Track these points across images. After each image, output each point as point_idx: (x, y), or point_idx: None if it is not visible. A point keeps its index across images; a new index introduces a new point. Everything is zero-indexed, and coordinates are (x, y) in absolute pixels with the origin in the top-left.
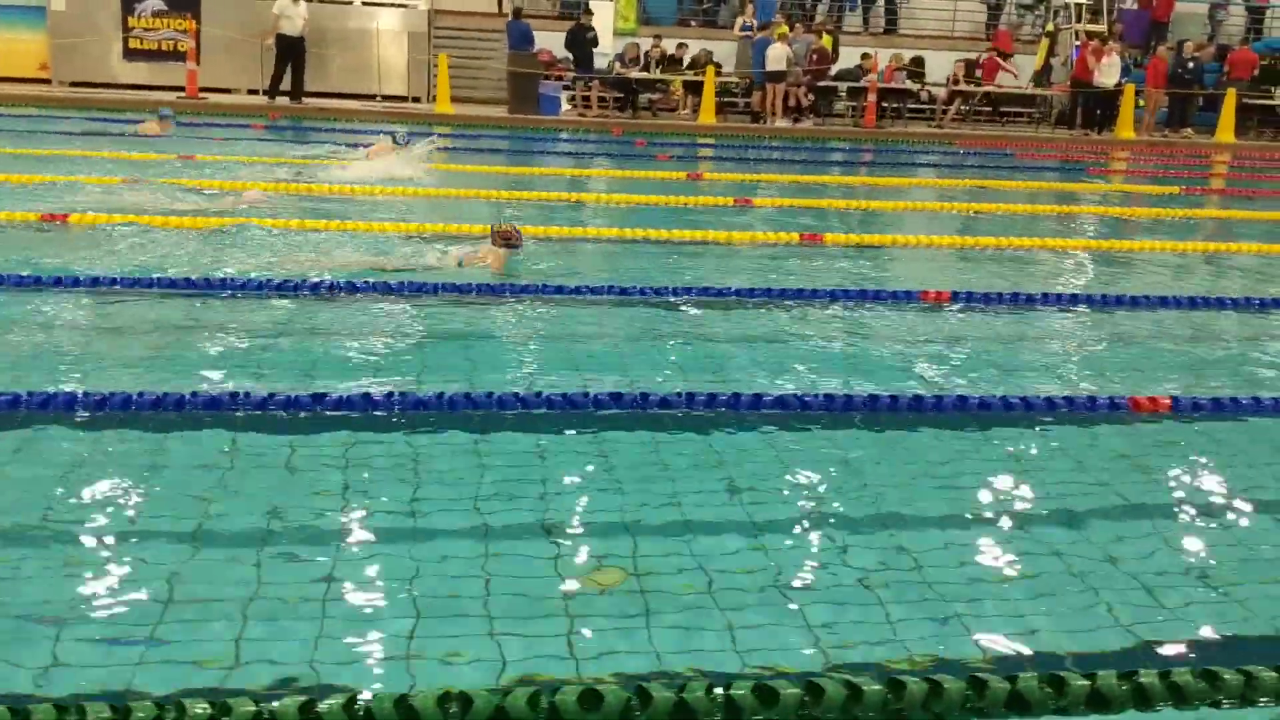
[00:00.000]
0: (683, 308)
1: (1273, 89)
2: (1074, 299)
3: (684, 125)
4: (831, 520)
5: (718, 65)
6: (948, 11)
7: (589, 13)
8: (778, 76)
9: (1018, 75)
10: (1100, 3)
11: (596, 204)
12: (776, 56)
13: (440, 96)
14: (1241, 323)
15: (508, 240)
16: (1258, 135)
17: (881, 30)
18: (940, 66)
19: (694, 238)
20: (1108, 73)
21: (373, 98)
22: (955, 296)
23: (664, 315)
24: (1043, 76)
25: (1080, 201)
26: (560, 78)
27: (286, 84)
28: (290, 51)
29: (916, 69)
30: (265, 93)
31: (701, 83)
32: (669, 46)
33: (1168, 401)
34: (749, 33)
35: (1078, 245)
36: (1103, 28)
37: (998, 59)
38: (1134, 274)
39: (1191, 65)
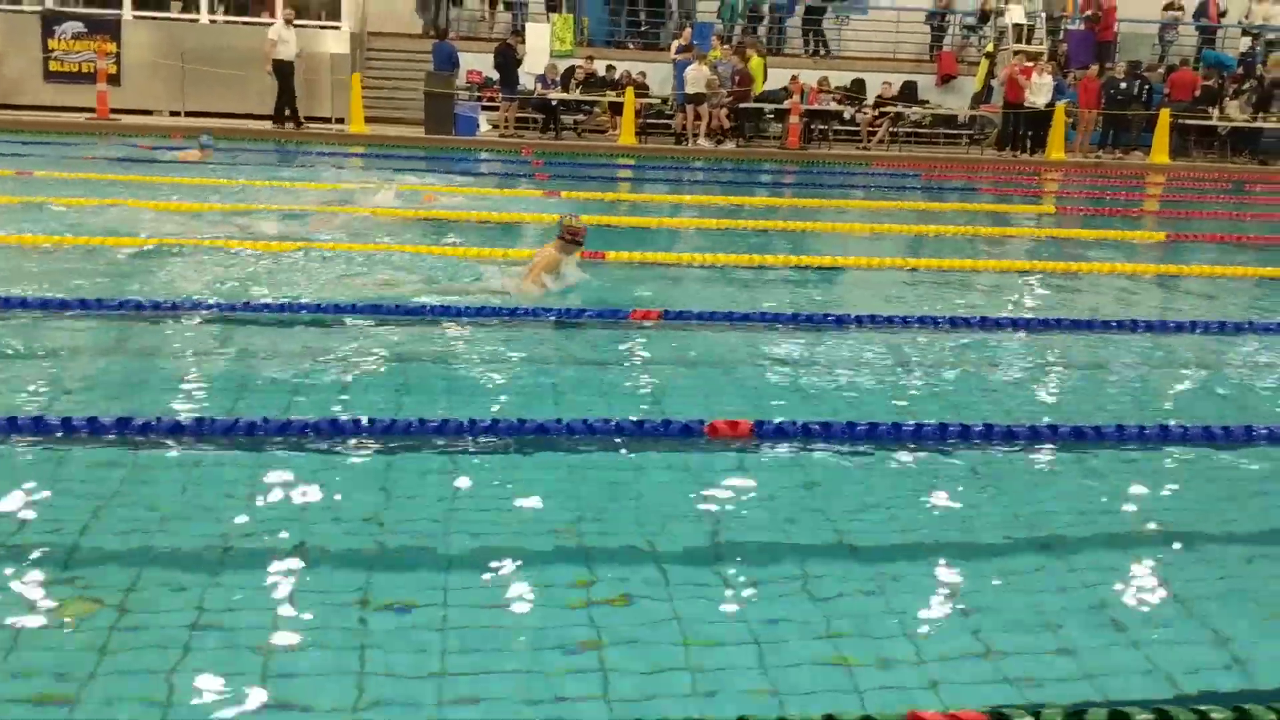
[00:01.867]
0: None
1: (1210, 109)
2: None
3: (603, 146)
4: None
5: (643, 87)
6: (890, 34)
7: (517, 34)
8: (698, 98)
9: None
10: (1039, 24)
11: (416, 220)
12: (695, 78)
13: (354, 117)
14: (1096, 342)
15: (574, 236)
16: (1203, 155)
17: (824, 53)
18: (883, 89)
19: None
20: (1039, 93)
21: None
22: (667, 314)
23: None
24: (984, 98)
25: (948, 221)
26: (492, 99)
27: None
28: (285, 76)
29: (857, 93)
30: (271, 119)
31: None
32: (600, 68)
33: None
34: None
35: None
36: (1042, 49)
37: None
38: (996, 293)
39: (1124, 86)
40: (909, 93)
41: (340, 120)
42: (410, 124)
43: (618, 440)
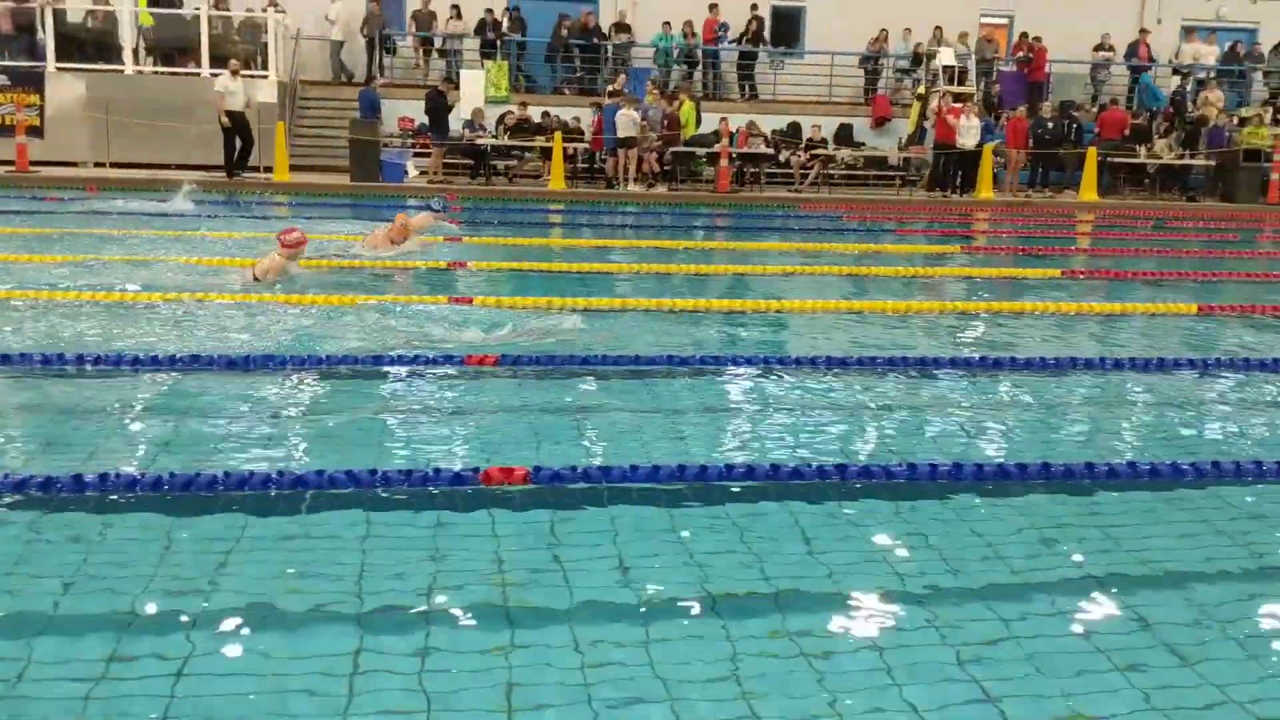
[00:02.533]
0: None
1: (1139, 147)
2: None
3: (531, 191)
4: None
5: (578, 132)
6: (825, 77)
7: (449, 80)
8: (628, 142)
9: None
10: (970, 66)
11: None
12: (624, 123)
13: (279, 165)
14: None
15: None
16: (1133, 193)
17: (758, 97)
18: (820, 132)
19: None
20: (967, 134)
21: (222, 169)
22: (502, 360)
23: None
24: (917, 139)
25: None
26: (424, 145)
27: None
28: (237, 127)
29: (792, 136)
30: (224, 169)
31: (567, 150)
32: (536, 114)
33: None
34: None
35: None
36: (971, 90)
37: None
38: (891, 331)
39: (1051, 125)
40: (845, 135)
41: (269, 169)
42: (341, 172)
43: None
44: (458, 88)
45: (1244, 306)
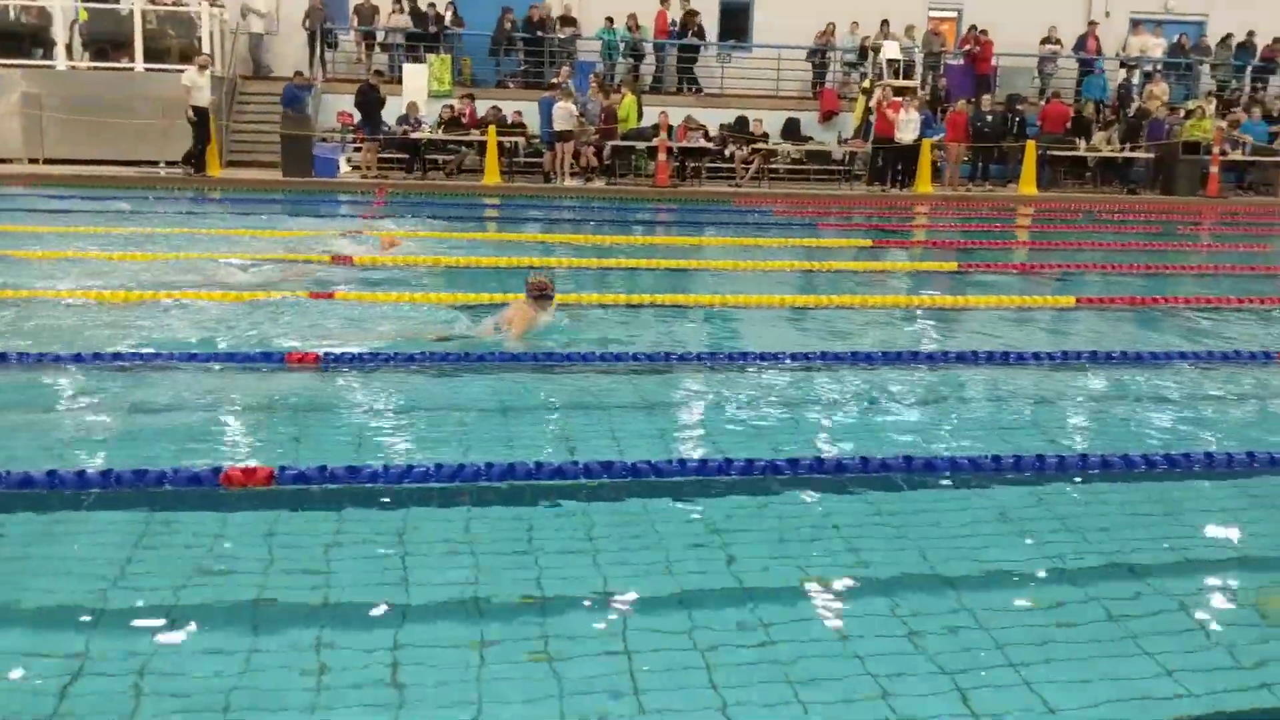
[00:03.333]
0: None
1: (1079, 141)
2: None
3: (465, 186)
4: None
5: (521, 126)
6: (773, 71)
7: (379, 74)
8: (564, 136)
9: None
10: (916, 59)
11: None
12: (561, 116)
13: (211, 160)
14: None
15: (541, 292)
16: (1076, 186)
17: (701, 91)
18: (767, 125)
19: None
20: (906, 129)
21: (155, 164)
22: (323, 359)
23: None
24: (863, 133)
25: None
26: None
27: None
28: (201, 122)
29: (740, 130)
30: (184, 163)
31: (502, 143)
32: (481, 109)
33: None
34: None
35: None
36: (914, 84)
37: None
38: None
39: (990, 119)
40: (793, 129)
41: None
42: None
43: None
44: (391, 81)
45: (1126, 300)
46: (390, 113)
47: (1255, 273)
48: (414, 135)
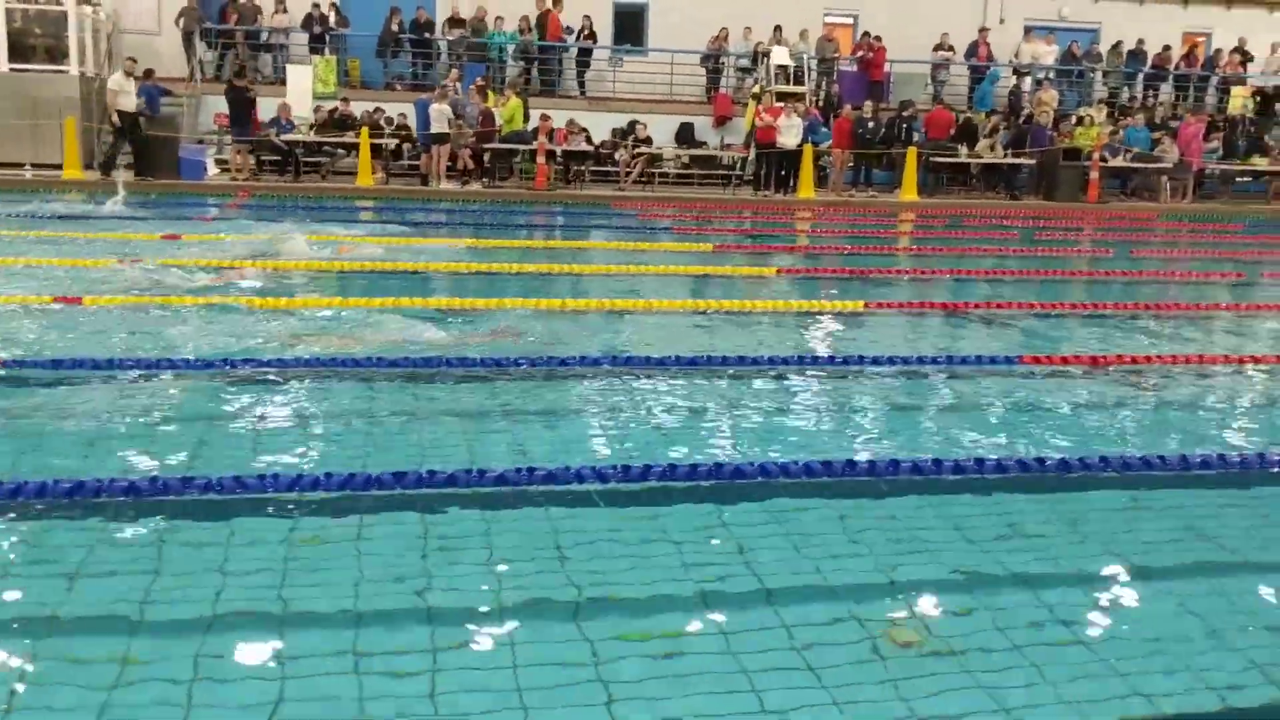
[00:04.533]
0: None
1: (961, 147)
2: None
3: (336, 188)
4: None
5: (405, 128)
6: (666, 76)
7: (241, 75)
8: (440, 138)
9: None
10: (805, 65)
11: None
12: (436, 118)
13: (68, 162)
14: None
15: None
16: (962, 192)
17: (597, 95)
18: (661, 130)
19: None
20: (789, 134)
21: (22, 166)
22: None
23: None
24: (751, 138)
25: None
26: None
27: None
28: (127, 127)
29: (629, 136)
30: (99, 168)
31: (381, 145)
32: (370, 109)
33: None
34: (468, 100)
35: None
36: (803, 90)
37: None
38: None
39: (871, 125)
40: (686, 134)
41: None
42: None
43: None
44: (276, 83)
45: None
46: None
47: (1072, 277)
48: (285, 137)
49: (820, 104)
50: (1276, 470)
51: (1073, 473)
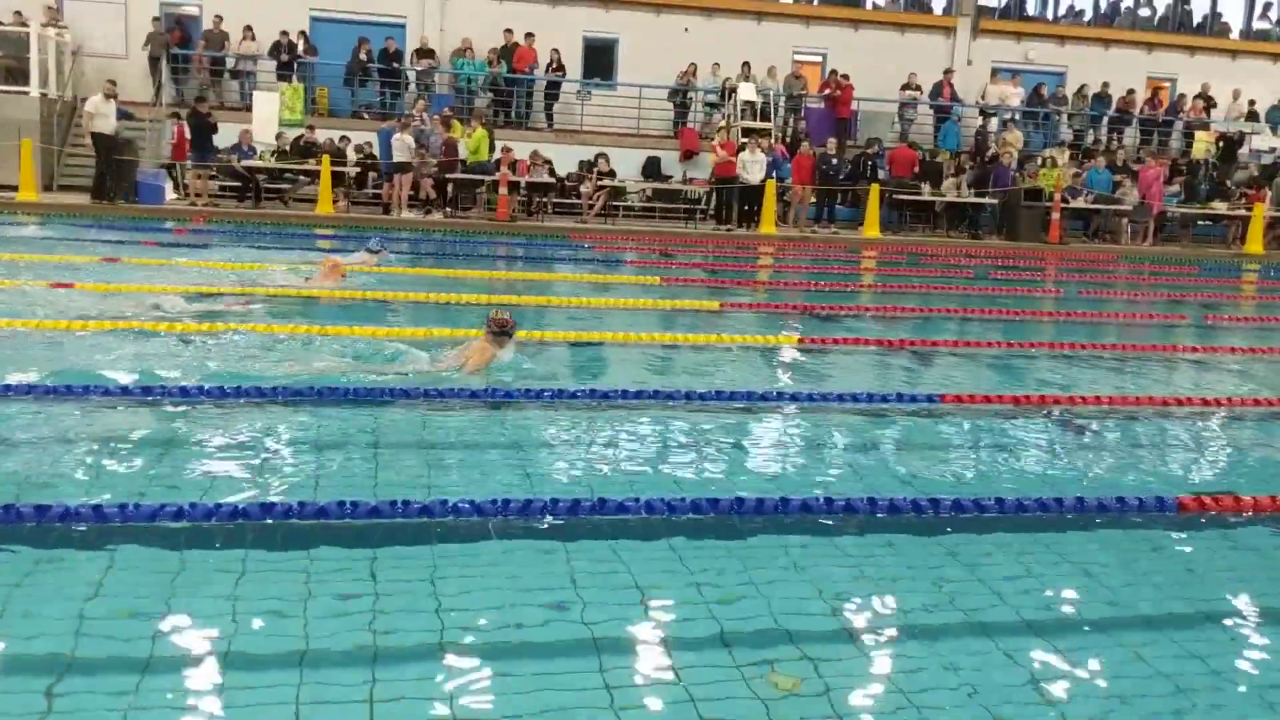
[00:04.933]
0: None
1: (924, 185)
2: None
3: (295, 216)
4: None
5: (372, 157)
6: (634, 110)
7: (202, 99)
8: (403, 168)
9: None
10: (772, 101)
11: None
12: (398, 147)
13: (24, 184)
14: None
15: (502, 329)
16: (928, 231)
17: (565, 128)
18: (629, 163)
19: None
20: (752, 170)
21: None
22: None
23: None
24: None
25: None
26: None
27: None
28: (108, 150)
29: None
30: (92, 194)
31: (344, 174)
32: (334, 137)
33: None
34: (432, 130)
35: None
36: (769, 126)
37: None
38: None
39: (834, 162)
40: (653, 168)
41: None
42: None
43: None
44: (243, 109)
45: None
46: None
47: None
48: (245, 163)
49: (787, 140)
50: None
51: (965, 513)
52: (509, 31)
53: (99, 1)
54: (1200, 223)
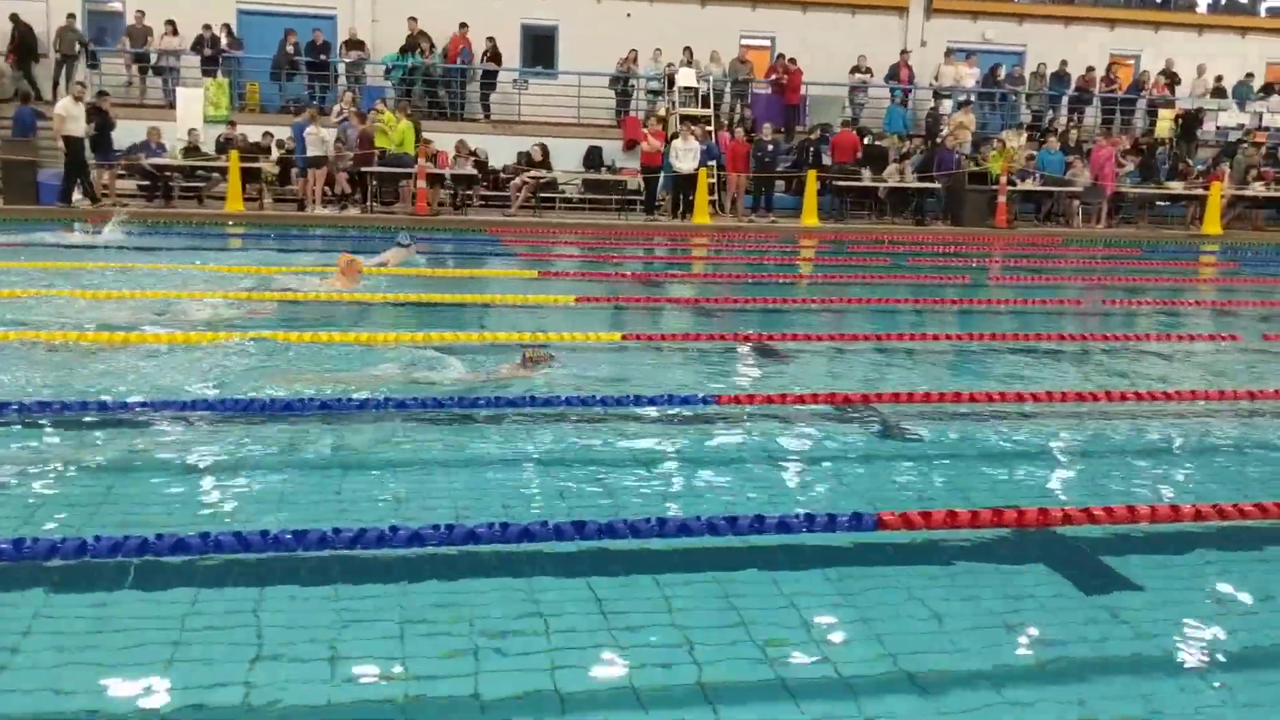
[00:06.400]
0: None
1: (863, 171)
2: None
3: (203, 214)
4: None
5: (288, 153)
6: (574, 99)
7: (104, 94)
8: (317, 162)
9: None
10: (714, 87)
11: None
12: (312, 141)
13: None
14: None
15: (535, 364)
16: (873, 218)
17: (504, 118)
18: (570, 154)
19: None
20: (685, 158)
21: None
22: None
23: None
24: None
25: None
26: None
27: None
28: (74, 153)
29: (542, 159)
30: (59, 198)
31: (259, 170)
32: (254, 134)
33: None
34: (346, 120)
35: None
36: (708, 112)
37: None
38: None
39: (771, 148)
40: (595, 158)
41: None
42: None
43: None
44: (166, 106)
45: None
46: (165, 136)
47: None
48: (153, 161)
49: (733, 127)
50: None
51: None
52: (412, 22)
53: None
54: (1161, 203)
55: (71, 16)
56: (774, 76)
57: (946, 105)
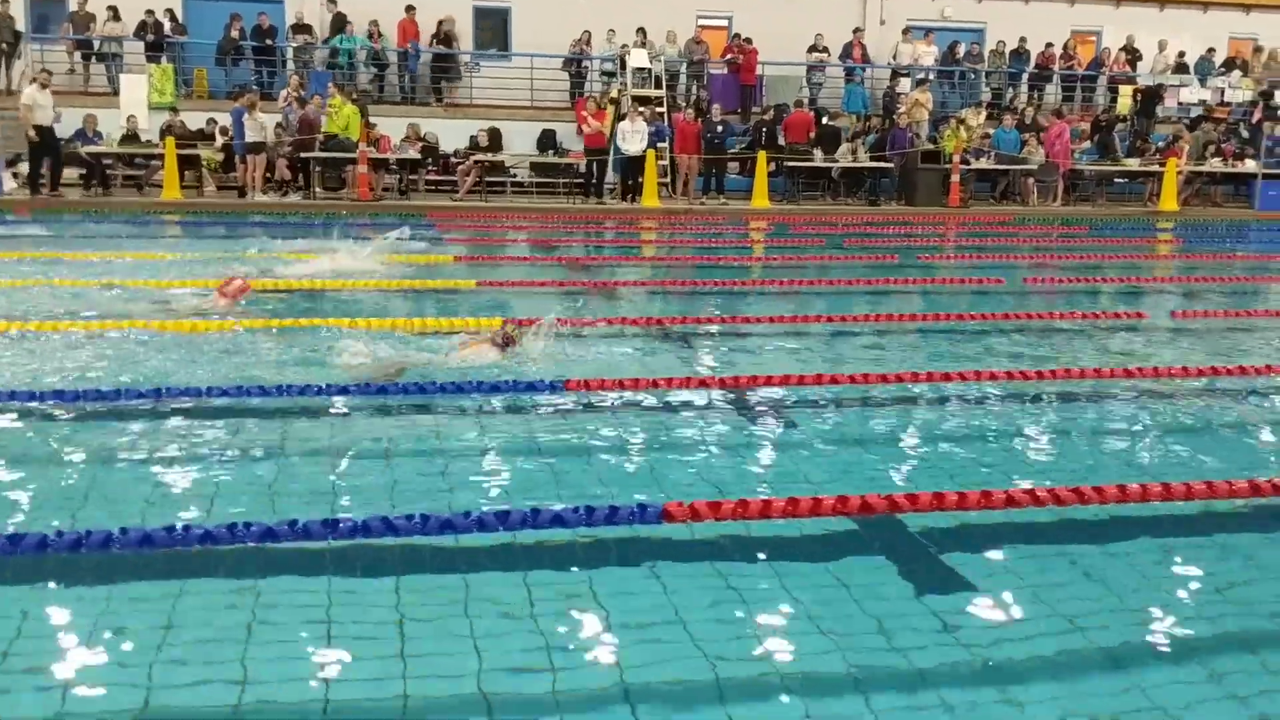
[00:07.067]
0: None
1: (815, 151)
2: None
3: (138, 203)
4: None
5: (212, 139)
6: (527, 82)
7: (35, 80)
8: (255, 148)
9: None
10: (673, 69)
11: None
12: (251, 126)
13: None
14: None
15: (507, 343)
16: (828, 199)
17: (456, 101)
18: (523, 138)
19: None
20: (633, 140)
21: None
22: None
23: None
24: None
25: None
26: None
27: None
28: (45, 142)
29: (492, 143)
30: (27, 185)
31: (197, 157)
32: (201, 120)
33: None
34: (290, 107)
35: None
36: (660, 94)
37: None
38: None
39: (720, 129)
40: (548, 141)
41: None
42: None
43: None
44: (109, 93)
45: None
46: (109, 124)
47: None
48: (88, 149)
49: (688, 108)
50: None
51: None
52: (330, 4)
53: None
54: (1119, 180)
55: (5, 2)
56: (729, 56)
57: (905, 84)
